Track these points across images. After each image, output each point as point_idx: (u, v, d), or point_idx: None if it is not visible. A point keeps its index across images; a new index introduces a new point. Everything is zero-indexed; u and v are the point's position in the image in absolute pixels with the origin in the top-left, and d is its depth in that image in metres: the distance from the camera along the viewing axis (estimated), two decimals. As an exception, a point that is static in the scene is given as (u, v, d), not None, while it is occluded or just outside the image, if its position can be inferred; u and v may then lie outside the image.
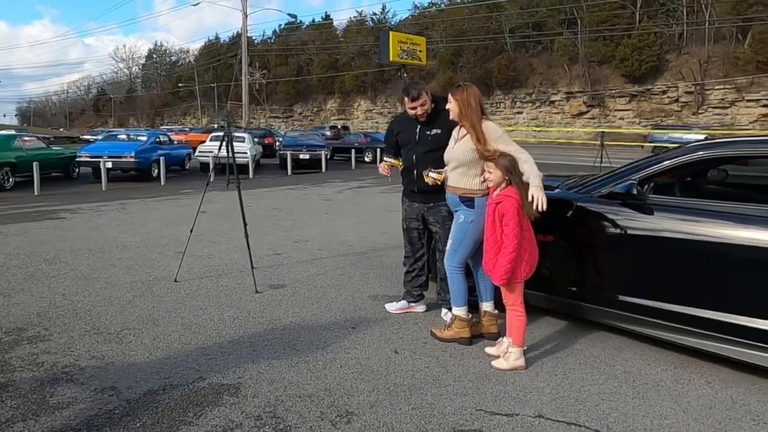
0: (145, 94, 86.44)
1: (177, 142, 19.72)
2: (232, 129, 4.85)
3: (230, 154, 4.78)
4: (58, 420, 2.48)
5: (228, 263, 5.40)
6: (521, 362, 3.06)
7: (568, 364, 3.13)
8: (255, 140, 20.46)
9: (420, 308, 4.03)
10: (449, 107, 3.29)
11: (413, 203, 3.81)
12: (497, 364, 3.08)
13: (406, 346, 3.37)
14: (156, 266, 5.27)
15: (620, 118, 42.29)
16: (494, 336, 3.41)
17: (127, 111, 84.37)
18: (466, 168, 3.27)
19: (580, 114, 44.50)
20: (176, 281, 4.70)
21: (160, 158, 14.30)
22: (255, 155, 17.90)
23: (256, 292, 4.41)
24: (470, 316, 3.44)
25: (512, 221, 2.97)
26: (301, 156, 18.77)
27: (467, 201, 3.29)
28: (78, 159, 14.31)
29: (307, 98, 64.52)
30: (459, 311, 3.42)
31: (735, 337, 2.85)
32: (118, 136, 16.40)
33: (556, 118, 45.52)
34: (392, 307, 4.02)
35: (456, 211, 3.39)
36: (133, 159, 13.77)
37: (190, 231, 5.08)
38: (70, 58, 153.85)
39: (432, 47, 39.66)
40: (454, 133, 3.40)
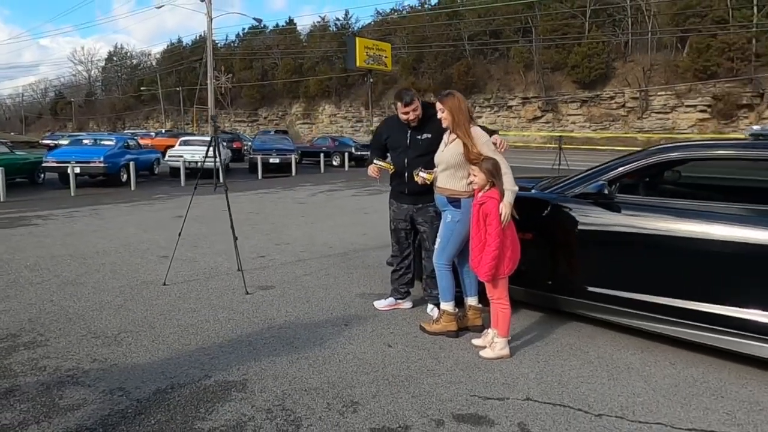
0: (106, 98, 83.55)
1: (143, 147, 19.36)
2: (219, 135, 4.97)
3: (219, 159, 4.89)
4: (72, 421, 2.54)
5: (213, 266, 5.48)
6: (506, 351, 3.31)
7: (548, 352, 3.40)
8: (224, 144, 20.32)
9: (407, 305, 4.23)
10: (442, 116, 3.51)
11: (402, 204, 3.99)
12: (485, 354, 3.32)
13: (398, 341, 3.57)
14: (141, 270, 5.30)
15: (572, 123, 43.78)
16: (479, 328, 3.65)
17: (87, 115, 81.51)
18: (454, 170, 3.50)
19: (536, 119, 45.82)
20: (165, 284, 4.76)
21: (130, 163, 14.08)
22: (225, 159, 17.79)
23: (247, 294, 4.53)
24: (457, 310, 3.68)
25: (495, 221, 3.21)
26: (271, 160, 18.79)
27: (454, 202, 3.52)
28: (44, 164, 13.94)
29: (272, 102, 63.91)
30: (447, 306, 3.65)
31: (694, 322, 3.16)
32: (84, 141, 16.00)
33: (513, 123, 46.64)
34: (380, 305, 4.21)
35: (444, 211, 3.62)
36: (102, 164, 13.50)
37: (179, 234, 5.14)
38: (25, 61, 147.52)
39: (394, 53, 40.10)
40: (445, 137, 3.62)
